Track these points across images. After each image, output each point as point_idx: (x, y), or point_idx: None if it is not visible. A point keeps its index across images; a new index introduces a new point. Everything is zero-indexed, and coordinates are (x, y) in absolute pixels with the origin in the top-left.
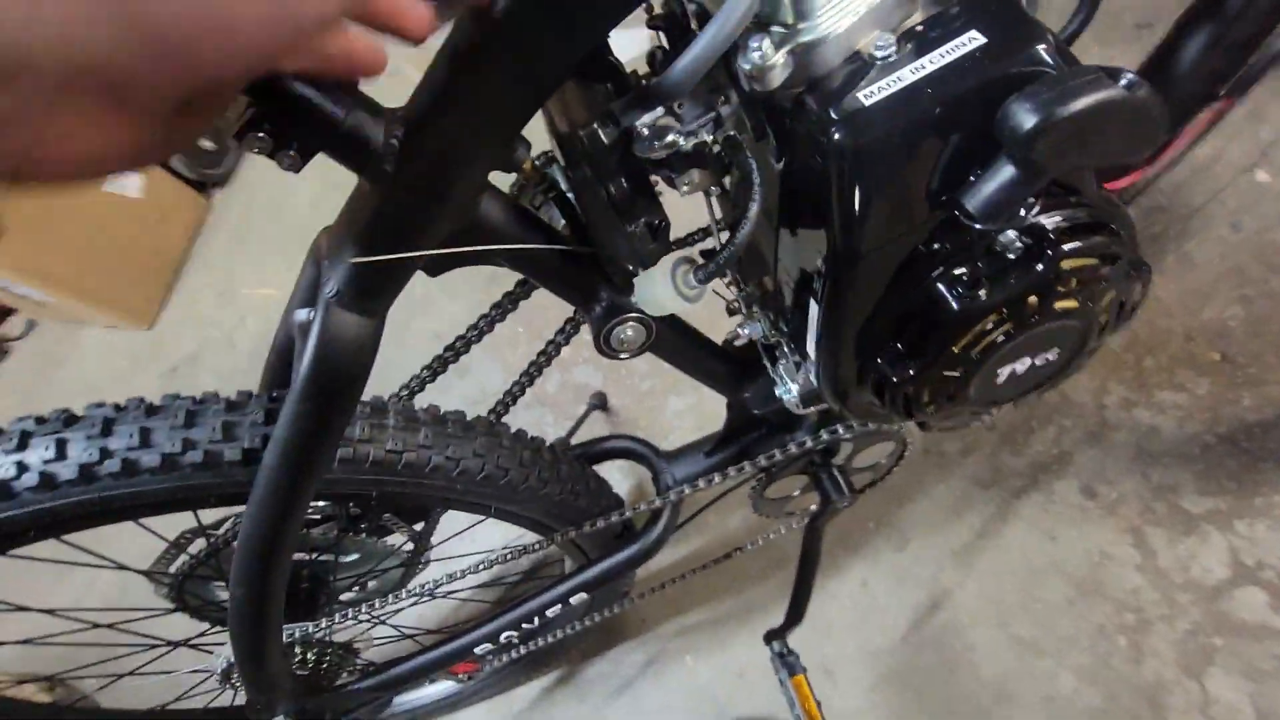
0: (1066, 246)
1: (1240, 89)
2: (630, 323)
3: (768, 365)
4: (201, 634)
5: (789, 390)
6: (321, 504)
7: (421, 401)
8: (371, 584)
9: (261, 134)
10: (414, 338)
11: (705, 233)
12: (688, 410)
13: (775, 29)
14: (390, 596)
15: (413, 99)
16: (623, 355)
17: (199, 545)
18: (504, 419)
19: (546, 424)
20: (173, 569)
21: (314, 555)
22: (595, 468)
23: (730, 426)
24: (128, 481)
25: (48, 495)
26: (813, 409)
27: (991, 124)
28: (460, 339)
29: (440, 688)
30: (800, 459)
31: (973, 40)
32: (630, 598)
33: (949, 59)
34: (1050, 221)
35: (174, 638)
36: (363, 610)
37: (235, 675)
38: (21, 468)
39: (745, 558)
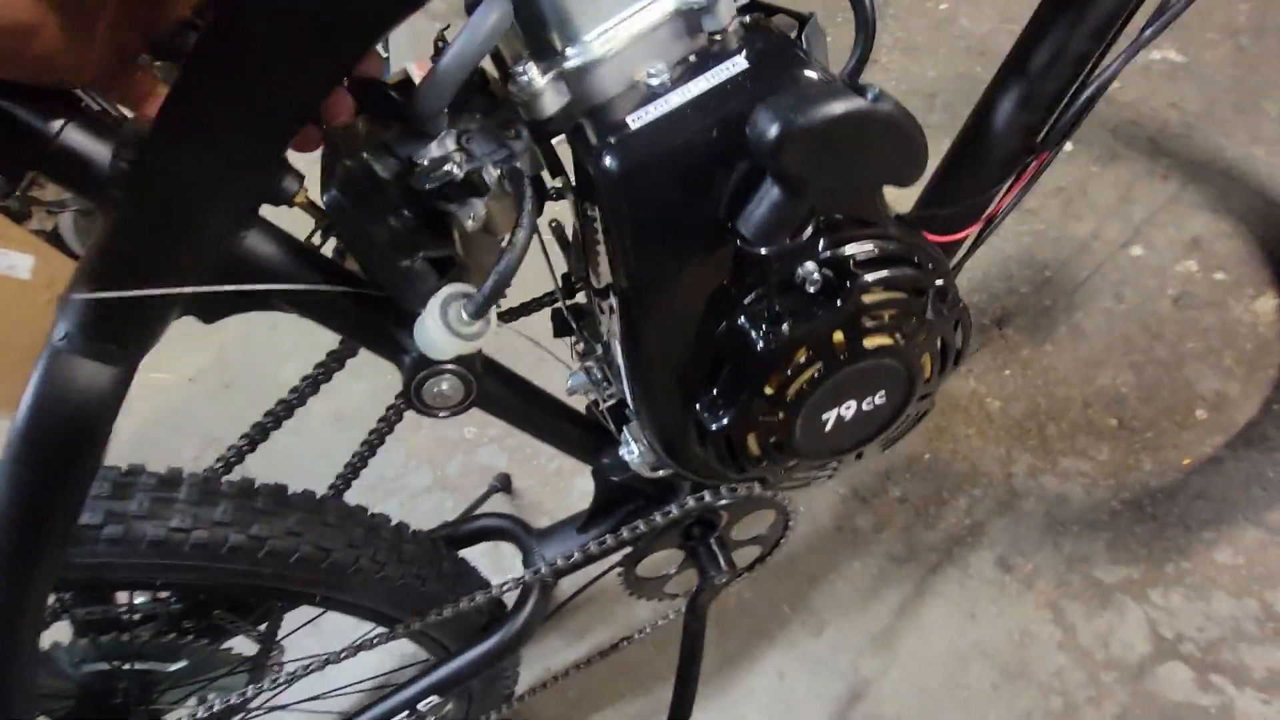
0: (866, 277)
1: (1054, 142)
2: (446, 375)
3: (611, 425)
4: None
5: (632, 451)
6: (140, 601)
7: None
8: (210, 694)
9: None
10: (314, 421)
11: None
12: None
13: (542, 54)
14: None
15: (156, 115)
16: (441, 413)
17: None
18: (406, 506)
19: (446, 509)
20: None
21: (123, 665)
22: (467, 551)
23: (600, 498)
24: None
25: None
26: (663, 472)
27: None
28: (283, 402)
29: None
30: (671, 530)
31: (736, 65)
32: (512, 700)
33: (713, 83)
34: (848, 252)
35: None
36: None
37: None
38: None
39: (647, 652)
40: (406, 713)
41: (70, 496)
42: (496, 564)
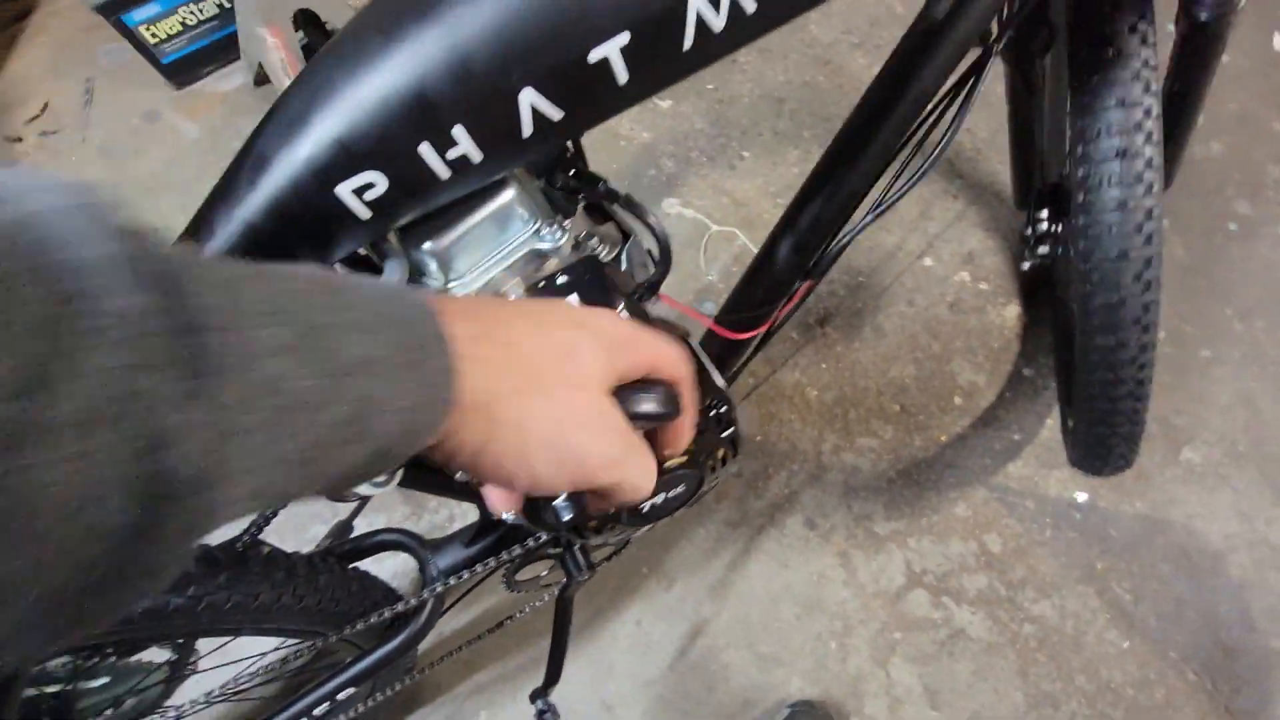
0: None
1: (818, 274)
2: None
3: None
4: None
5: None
6: None
7: None
8: (130, 702)
9: None
10: None
11: None
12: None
13: (431, 283)
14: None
15: None
16: (354, 502)
17: None
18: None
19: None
20: None
21: (46, 689)
22: (366, 561)
23: (483, 521)
24: None
25: None
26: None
27: None
28: None
29: None
30: (545, 547)
31: (574, 300)
32: (414, 673)
33: None
34: None
35: None
36: None
37: None
38: None
39: (534, 615)
40: (328, 704)
41: None
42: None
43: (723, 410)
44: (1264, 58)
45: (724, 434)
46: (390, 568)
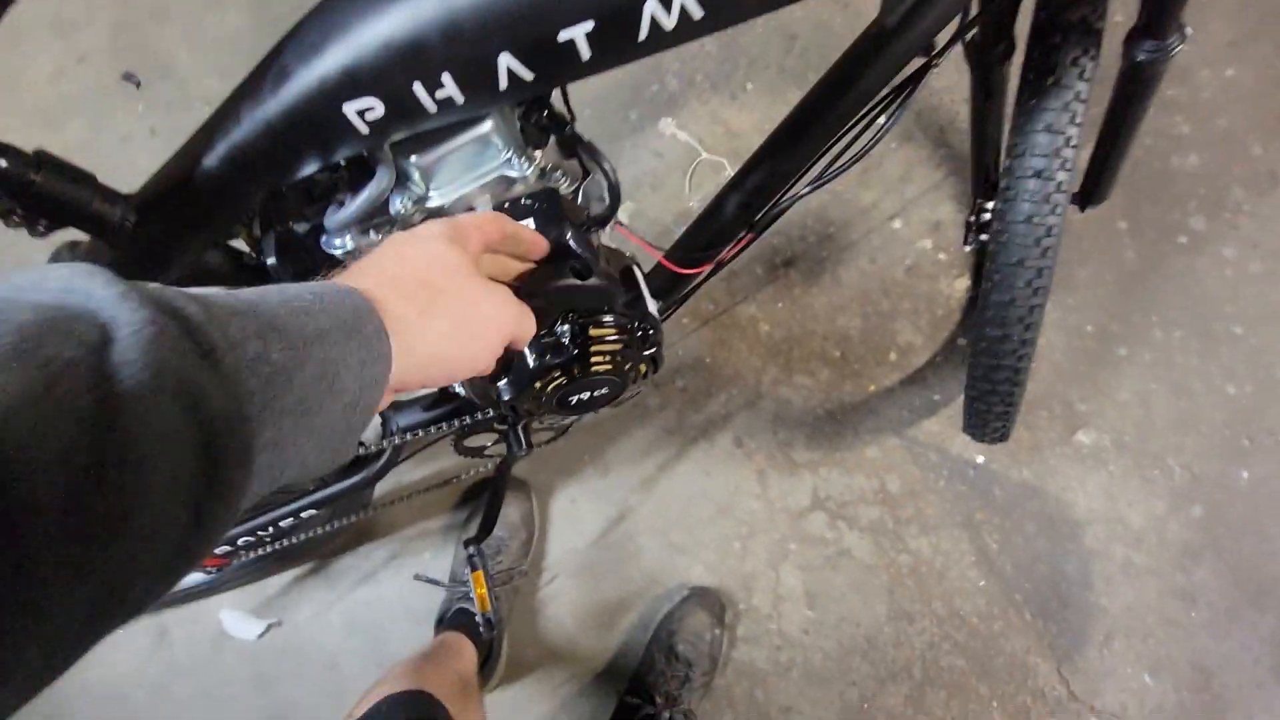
0: (592, 335)
1: (760, 229)
2: None
3: None
4: None
5: (459, 387)
6: None
7: None
8: None
9: (17, 216)
10: None
11: None
12: None
13: (414, 190)
14: None
15: (144, 187)
16: None
17: None
18: None
19: None
20: None
21: None
22: None
23: (442, 390)
24: None
25: None
26: None
27: None
28: None
29: (190, 578)
30: (492, 421)
31: (527, 225)
32: (369, 509)
33: None
34: (585, 321)
35: None
36: None
37: None
38: None
39: (477, 481)
40: (291, 518)
41: None
42: None
43: (650, 332)
44: (1271, 79)
45: (647, 351)
46: None
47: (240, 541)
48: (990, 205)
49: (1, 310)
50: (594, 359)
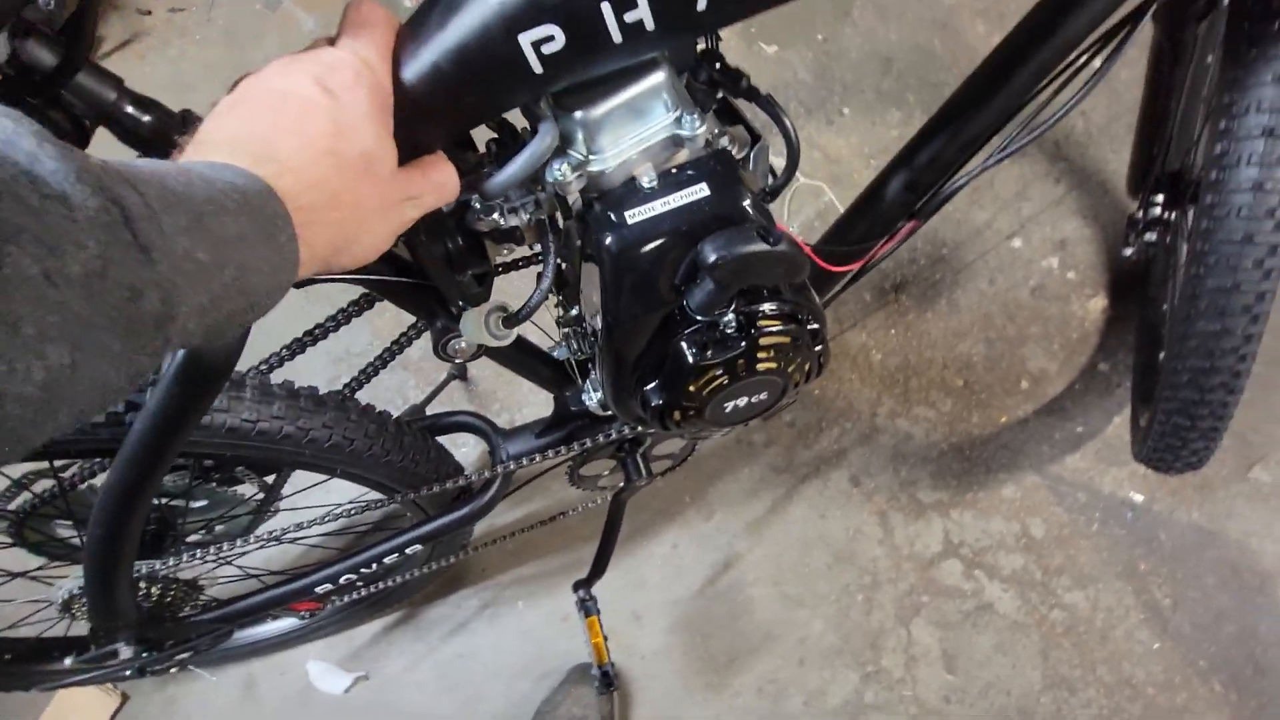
0: (761, 326)
1: (925, 215)
2: (462, 338)
3: (577, 377)
4: (40, 567)
5: (591, 397)
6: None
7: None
8: (219, 528)
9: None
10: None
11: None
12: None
13: (574, 155)
14: (237, 540)
15: None
16: (457, 360)
17: (43, 485)
18: (368, 384)
19: (409, 387)
20: (13, 506)
21: (164, 500)
22: (442, 438)
23: (556, 415)
24: None
25: None
26: (608, 412)
27: None
28: (308, 333)
29: (282, 624)
30: (610, 446)
31: (701, 191)
32: (468, 549)
33: (685, 201)
34: (754, 310)
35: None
36: (209, 552)
37: (76, 606)
38: None
39: (576, 521)
40: (396, 554)
41: (200, 409)
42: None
43: (816, 328)
44: None
45: (815, 348)
46: (460, 456)
47: (342, 580)
48: (1159, 199)
49: None
50: (761, 355)
